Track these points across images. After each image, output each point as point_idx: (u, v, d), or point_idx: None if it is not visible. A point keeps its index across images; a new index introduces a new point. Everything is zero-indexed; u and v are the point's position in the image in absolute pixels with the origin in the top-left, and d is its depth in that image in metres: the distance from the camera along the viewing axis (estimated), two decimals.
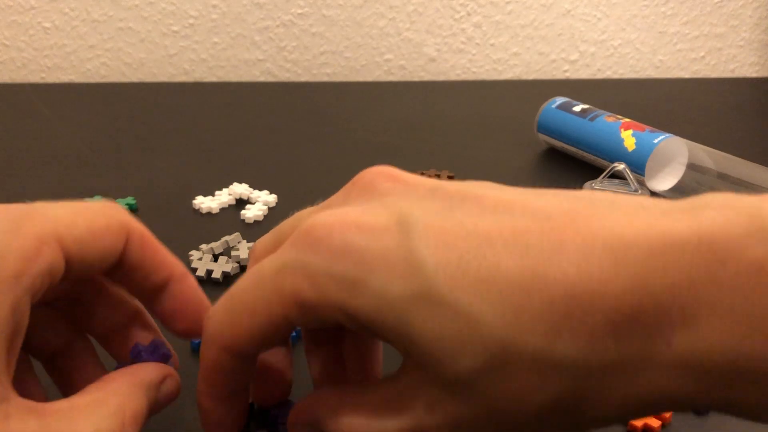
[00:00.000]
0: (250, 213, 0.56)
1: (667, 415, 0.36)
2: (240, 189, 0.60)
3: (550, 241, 0.22)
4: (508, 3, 0.99)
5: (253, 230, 0.55)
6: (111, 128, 0.75)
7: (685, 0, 1.01)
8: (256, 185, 0.61)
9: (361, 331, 0.25)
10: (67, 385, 0.31)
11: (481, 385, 0.22)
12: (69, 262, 0.25)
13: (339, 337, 0.32)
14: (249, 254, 0.31)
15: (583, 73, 1.03)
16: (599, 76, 1.04)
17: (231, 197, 0.59)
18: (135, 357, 0.30)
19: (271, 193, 0.60)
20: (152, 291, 0.29)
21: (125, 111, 0.80)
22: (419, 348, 0.23)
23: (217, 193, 0.60)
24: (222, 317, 0.27)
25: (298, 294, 0.24)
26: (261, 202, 0.59)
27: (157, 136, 0.73)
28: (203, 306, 0.30)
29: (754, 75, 1.07)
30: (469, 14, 0.98)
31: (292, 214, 0.32)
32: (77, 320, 0.31)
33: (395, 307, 0.23)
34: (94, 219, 0.26)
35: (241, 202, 0.59)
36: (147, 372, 0.29)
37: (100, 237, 0.26)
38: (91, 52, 0.95)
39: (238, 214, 0.57)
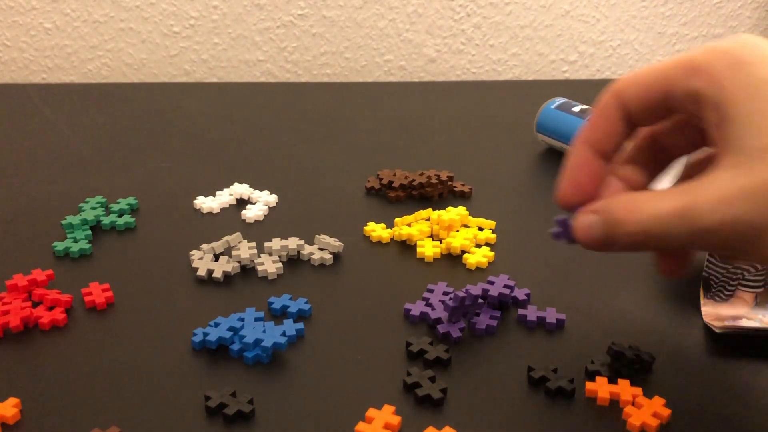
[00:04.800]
0: (251, 213, 0.57)
1: (665, 413, 0.36)
2: (241, 189, 0.60)
3: None
4: (507, 4, 0.99)
5: (253, 230, 0.55)
6: (112, 128, 0.75)
7: (683, 1, 1.02)
8: (257, 185, 0.61)
9: (709, 106, 0.32)
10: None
11: None
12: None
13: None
14: None
15: (583, 74, 1.04)
16: (598, 76, 1.04)
17: (232, 197, 0.59)
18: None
19: (271, 194, 0.60)
20: None
21: (126, 111, 0.80)
22: (740, 116, 0.30)
23: (217, 193, 0.60)
24: (629, 74, 0.35)
25: (693, 59, 0.32)
26: (261, 202, 0.59)
27: (158, 136, 0.73)
28: None
29: None
30: (468, 15, 0.99)
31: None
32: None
33: (754, 87, 0.30)
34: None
35: (242, 202, 0.60)
36: None
37: None
38: (92, 52, 0.95)
39: (239, 214, 0.57)
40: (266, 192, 0.60)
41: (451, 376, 0.39)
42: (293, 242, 0.51)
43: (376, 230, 0.54)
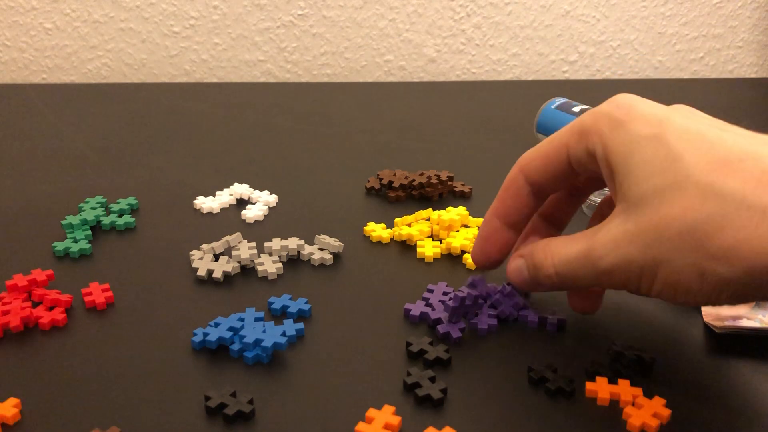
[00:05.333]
0: (251, 213, 0.57)
1: (665, 414, 0.36)
2: (241, 189, 0.60)
3: None
4: (507, 4, 0.99)
5: (253, 230, 0.55)
6: (112, 129, 0.75)
7: (683, 1, 1.02)
8: (257, 185, 0.61)
9: (601, 162, 0.36)
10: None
11: (655, 202, 0.33)
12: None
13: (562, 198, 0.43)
14: None
15: (583, 74, 1.04)
16: (598, 76, 1.04)
17: (232, 197, 0.59)
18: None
19: (271, 194, 0.60)
20: None
21: (126, 111, 0.80)
22: (629, 177, 0.34)
23: (217, 193, 0.60)
24: (531, 149, 0.39)
25: (582, 123, 0.36)
26: (261, 202, 0.59)
27: (158, 136, 0.73)
28: None
29: (752, 75, 1.07)
30: (468, 15, 0.99)
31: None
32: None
33: (632, 140, 0.34)
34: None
35: (242, 202, 0.60)
36: None
37: None
38: (92, 52, 0.95)
39: (239, 214, 0.57)
40: (266, 192, 0.60)
41: (451, 376, 0.39)
42: (293, 242, 0.51)
43: (376, 230, 0.54)
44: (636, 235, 0.33)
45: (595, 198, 0.57)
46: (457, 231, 0.54)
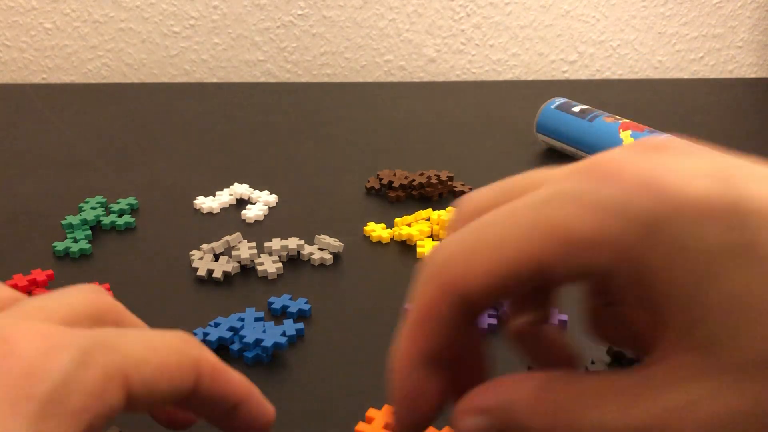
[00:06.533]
0: (251, 213, 0.57)
1: None
2: (241, 189, 0.60)
3: None
4: (507, 4, 0.99)
5: (253, 230, 0.55)
6: (112, 128, 0.75)
7: (683, 1, 1.02)
8: (257, 185, 0.61)
9: (633, 288, 0.20)
10: None
11: None
12: (131, 400, 0.23)
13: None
14: (457, 208, 0.24)
15: (582, 74, 1.04)
16: (598, 76, 1.04)
17: (232, 197, 0.59)
18: None
19: (271, 193, 0.60)
20: (223, 414, 0.27)
21: (126, 111, 0.80)
22: (714, 317, 0.18)
23: (217, 193, 0.60)
24: (453, 248, 0.21)
25: (569, 226, 0.19)
26: (261, 202, 0.59)
27: (158, 136, 0.73)
28: (270, 415, 0.28)
29: (752, 75, 1.07)
30: (468, 15, 0.99)
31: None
32: None
33: (702, 259, 0.18)
34: (166, 356, 0.24)
35: (242, 202, 0.60)
36: None
37: (170, 376, 0.24)
38: (92, 52, 0.95)
39: (239, 214, 0.57)
40: (266, 192, 0.60)
41: None
42: (293, 242, 0.51)
43: (376, 230, 0.54)
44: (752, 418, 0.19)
45: None
46: None
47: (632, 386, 0.20)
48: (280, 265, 0.49)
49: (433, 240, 0.54)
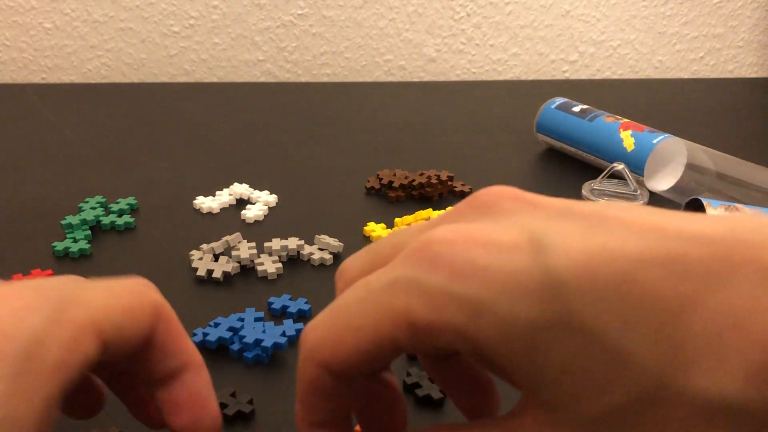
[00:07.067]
0: (251, 213, 0.57)
1: None
2: (240, 189, 0.60)
3: (715, 267, 0.19)
4: (507, 4, 0.99)
5: (253, 230, 0.55)
6: (112, 128, 0.75)
7: (684, 1, 1.02)
8: (257, 185, 0.61)
9: (479, 360, 0.23)
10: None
11: (624, 426, 0.20)
12: (105, 347, 0.24)
13: (451, 366, 0.28)
14: (337, 275, 0.27)
15: (583, 74, 1.04)
16: (598, 76, 1.04)
17: (231, 197, 0.59)
18: None
19: (271, 194, 0.60)
20: (165, 376, 0.27)
21: (126, 111, 0.80)
22: (551, 383, 0.20)
23: (217, 193, 0.60)
24: (322, 332, 0.24)
25: (410, 313, 0.21)
26: (261, 202, 0.59)
27: (157, 136, 0.73)
28: (210, 405, 0.27)
29: (752, 75, 1.07)
30: (468, 15, 0.99)
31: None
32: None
33: (526, 334, 0.20)
34: (128, 300, 0.25)
35: (242, 202, 0.60)
36: None
37: (134, 319, 0.25)
38: (92, 52, 0.95)
39: (239, 214, 0.57)
40: (266, 192, 0.60)
41: None
42: (293, 242, 0.51)
43: (376, 230, 0.54)
44: None
45: (602, 187, 0.57)
46: None
47: None
48: (280, 265, 0.49)
49: None
